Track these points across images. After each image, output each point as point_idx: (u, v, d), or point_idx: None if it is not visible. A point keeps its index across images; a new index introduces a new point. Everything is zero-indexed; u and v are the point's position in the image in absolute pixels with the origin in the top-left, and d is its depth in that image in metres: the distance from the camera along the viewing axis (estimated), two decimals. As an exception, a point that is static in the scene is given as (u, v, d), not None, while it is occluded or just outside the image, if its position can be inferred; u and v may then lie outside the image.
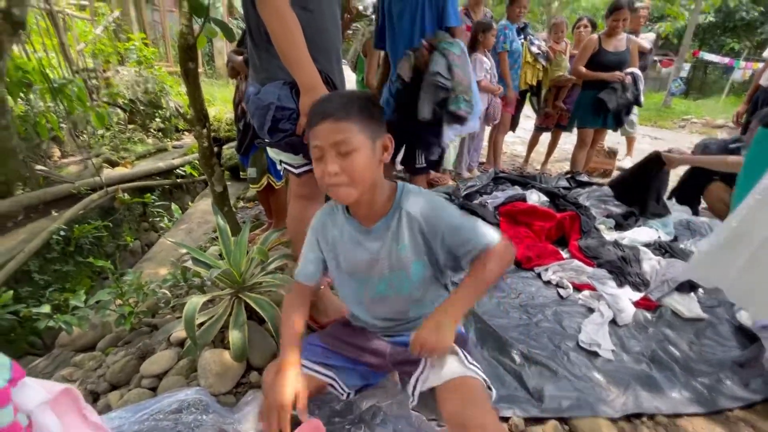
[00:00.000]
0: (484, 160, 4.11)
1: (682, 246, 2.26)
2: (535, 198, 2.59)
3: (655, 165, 2.56)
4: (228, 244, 1.42)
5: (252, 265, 1.41)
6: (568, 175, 3.40)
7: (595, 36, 3.24)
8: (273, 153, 1.43)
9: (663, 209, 2.67)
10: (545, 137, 4.12)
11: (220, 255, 1.55)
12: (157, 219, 3.53)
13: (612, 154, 4.10)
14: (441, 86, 1.87)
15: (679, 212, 2.58)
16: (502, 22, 3.41)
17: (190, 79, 1.98)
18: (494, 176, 3.26)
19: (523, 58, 3.56)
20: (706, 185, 2.71)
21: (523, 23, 3.55)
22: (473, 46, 3.06)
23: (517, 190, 2.86)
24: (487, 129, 3.74)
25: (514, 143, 5.36)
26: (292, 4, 1.20)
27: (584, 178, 3.26)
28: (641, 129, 4.58)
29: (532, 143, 4.20)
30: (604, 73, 3.13)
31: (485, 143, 4.05)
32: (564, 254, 2.17)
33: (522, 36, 3.56)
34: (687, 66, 12.94)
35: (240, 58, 2.04)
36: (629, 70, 3.14)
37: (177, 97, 5.57)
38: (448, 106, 1.92)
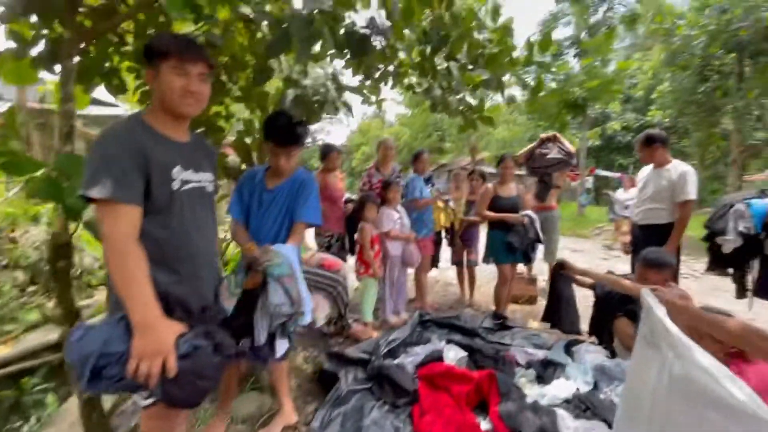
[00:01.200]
0: (413, 296, 4.11)
1: (602, 396, 2.20)
2: (452, 355, 2.50)
3: (560, 273, 2.85)
4: None
5: None
6: (494, 314, 3.46)
7: (491, 185, 3.67)
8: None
9: (575, 321, 2.92)
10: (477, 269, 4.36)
11: None
12: (31, 413, 2.91)
13: (532, 281, 4.31)
14: (284, 315, 1.60)
15: (594, 354, 2.59)
16: (410, 176, 3.84)
17: (60, 278, 1.84)
18: (420, 320, 3.21)
19: (434, 204, 3.91)
20: (611, 320, 2.81)
21: (428, 174, 3.97)
22: (382, 202, 3.31)
23: (438, 343, 2.77)
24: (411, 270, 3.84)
25: (446, 270, 5.50)
26: (150, 227, 1.18)
27: (509, 322, 3.38)
28: (561, 240, 5.16)
29: (459, 278, 4.39)
30: (506, 215, 3.46)
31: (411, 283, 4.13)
32: (485, 425, 2.01)
33: (429, 184, 3.96)
34: (590, 179, 15.07)
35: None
36: (524, 212, 3.49)
37: (95, 251, 5.26)
38: (288, 328, 1.65)
